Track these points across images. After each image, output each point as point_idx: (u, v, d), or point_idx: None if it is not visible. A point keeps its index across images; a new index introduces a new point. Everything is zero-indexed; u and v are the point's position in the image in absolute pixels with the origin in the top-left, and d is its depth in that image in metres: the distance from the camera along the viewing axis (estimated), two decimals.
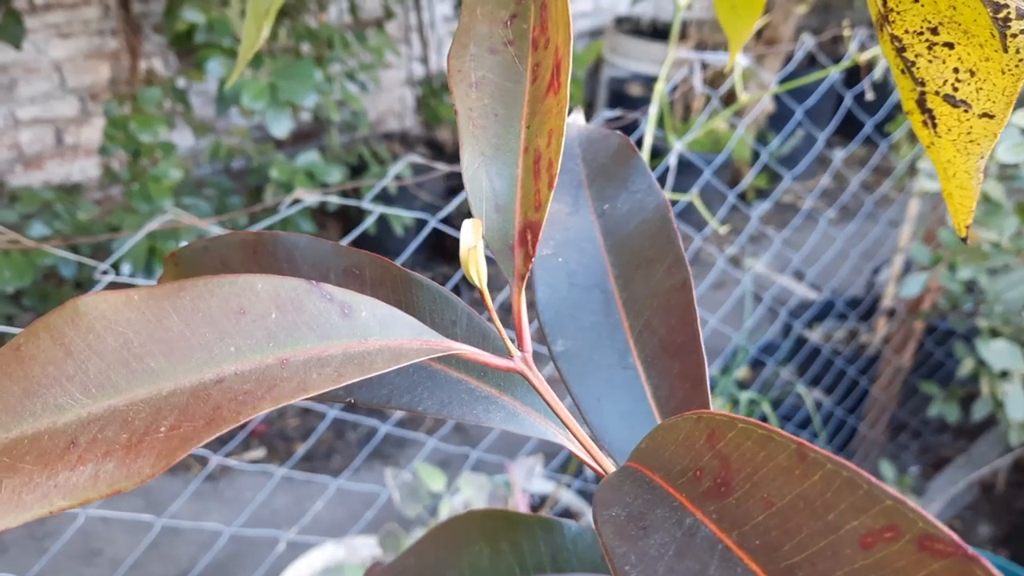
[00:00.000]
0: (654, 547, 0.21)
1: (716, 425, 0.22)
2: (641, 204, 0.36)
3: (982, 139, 0.32)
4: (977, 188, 0.34)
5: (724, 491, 0.21)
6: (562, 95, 0.27)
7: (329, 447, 1.80)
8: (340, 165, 1.95)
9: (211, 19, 1.67)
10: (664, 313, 0.34)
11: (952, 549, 0.17)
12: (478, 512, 0.41)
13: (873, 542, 0.18)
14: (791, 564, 0.19)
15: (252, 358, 0.22)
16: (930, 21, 0.31)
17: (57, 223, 1.63)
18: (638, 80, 2.80)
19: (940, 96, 0.32)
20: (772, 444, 0.21)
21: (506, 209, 0.29)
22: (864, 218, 2.34)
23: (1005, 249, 1.34)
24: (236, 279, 0.23)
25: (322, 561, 1.22)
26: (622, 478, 0.25)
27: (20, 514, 0.19)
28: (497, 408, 0.31)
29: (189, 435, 0.20)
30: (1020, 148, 1.17)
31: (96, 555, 1.52)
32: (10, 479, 0.20)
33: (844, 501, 0.19)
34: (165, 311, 0.22)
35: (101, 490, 0.20)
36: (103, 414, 0.21)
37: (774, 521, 0.20)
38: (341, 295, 0.24)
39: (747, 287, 1.79)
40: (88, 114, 2.21)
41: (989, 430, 1.75)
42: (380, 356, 0.24)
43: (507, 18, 0.30)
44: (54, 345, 0.21)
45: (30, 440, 0.20)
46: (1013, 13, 0.28)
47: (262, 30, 0.50)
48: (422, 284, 0.30)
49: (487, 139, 0.29)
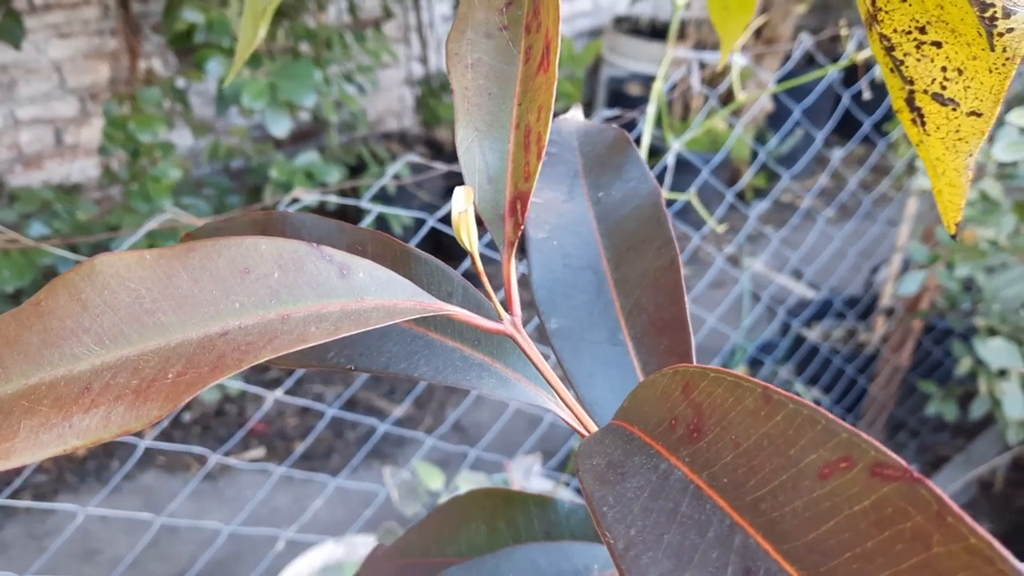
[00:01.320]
0: (631, 490, 0.22)
1: (690, 376, 0.24)
2: (634, 191, 0.38)
3: (970, 137, 0.33)
4: (966, 185, 0.34)
5: (696, 436, 0.23)
6: (551, 73, 0.28)
7: (328, 446, 1.80)
8: (339, 165, 1.95)
9: (210, 19, 1.67)
10: (653, 291, 0.36)
11: (900, 473, 0.18)
12: (479, 491, 0.43)
13: (830, 472, 0.19)
14: (755, 498, 0.20)
15: (255, 313, 0.24)
16: (918, 20, 0.31)
17: (56, 223, 1.64)
18: (637, 79, 2.80)
19: (929, 94, 0.32)
20: (740, 389, 0.22)
21: (498, 180, 0.30)
22: (862, 217, 2.34)
23: (1003, 247, 1.34)
24: (242, 240, 0.24)
25: (321, 559, 1.22)
26: (604, 433, 0.26)
27: (37, 452, 0.21)
28: (489, 375, 0.32)
29: (194, 380, 0.22)
30: (1018, 147, 1.17)
31: (95, 554, 1.52)
32: (29, 420, 0.21)
33: (804, 437, 0.20)
34: (175, 270, 0.24)
35: (112, 431, 0.21)
36: (115, 363, 0.22)
37: (741, 460, 0.21)
38: (340, 257, 0.26)
39: (745, 286, 1.80)
40: (87, 114, 2.22)
41: (987, 428, 1.76)
42: (375, 313, 0.25)
43: (503, 5, 0.32)
44: (71, 300, 0.23)
45: (47, 386, 0.22)
46: (999, 12, 0.28)
47: (259, 30, 0.51)
48: (420, 258, 0.32)
49: (481, 116, 0.31)
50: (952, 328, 1.64)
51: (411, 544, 0.43)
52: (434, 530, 0.42)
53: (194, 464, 1.72)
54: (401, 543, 0.43)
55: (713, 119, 1.14)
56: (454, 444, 1.70)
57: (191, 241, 0.24)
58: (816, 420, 0.20)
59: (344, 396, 1.51)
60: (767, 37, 2.54)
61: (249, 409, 1.88)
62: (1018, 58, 0.29)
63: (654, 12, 3.03)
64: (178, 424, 1.81)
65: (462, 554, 0.40)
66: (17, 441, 0.21)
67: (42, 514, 1.58)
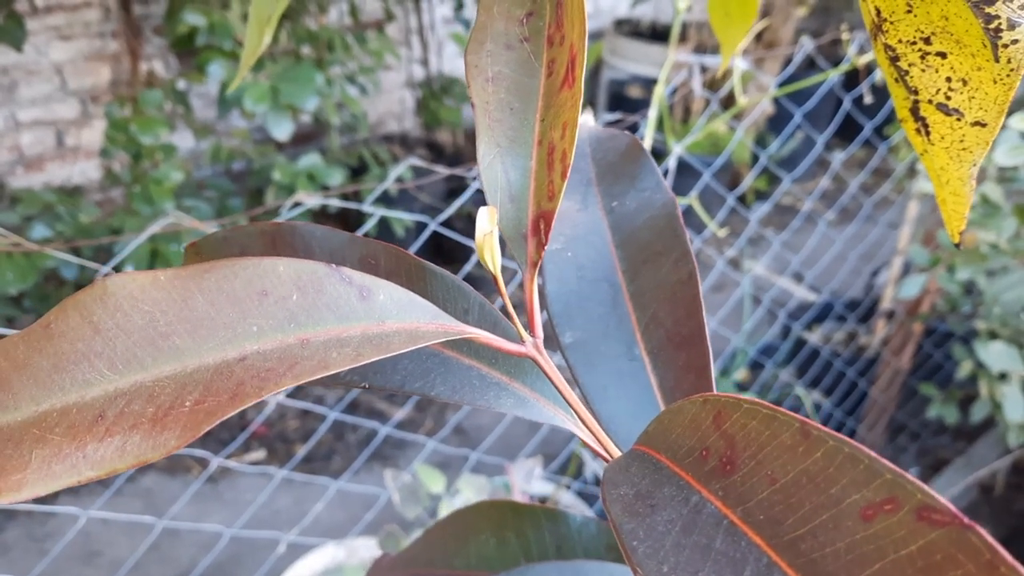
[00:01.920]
0: (661, 523, 0.22)
1: (722, 406, 0.23)
2: (649, 201, 0.38)
3: (975, 147, 0.33)
4: (970, 195, 0.34)
5: (729, 469, 0.22)
6: (576, 89, 0.28)
7: (329, 449, 1.80)
8: (341, 167, 1.95)
9: (212, 22, 1.68)
10: (670, 305, 0.35)
11: (949, 519, 0.18)
12: (486, 503, 0.42)
13: (874, 514, 0.19)
14: (794, 537, 0.20)
15: (274, 337, 0.23)
16: (923, 31, 0.31)
17: (59, 225, 1.64)
18: (638, 82, 2.80)
19: (933, 105, 0.33)
20: (776, 423, 0.21)
21: (520, 199, 0.30)
22: (863, 220, 2.35)
23: (1003, 251, 1.34)
24: (259, 261, 0.24)
25: (322, 562, 1.22)
26: (629, 460, 0.26)
27: (50, 483, 0.20)
28: (508, 394, 0.31)
29: (213, 409, 0.21)
30: (1018, 151, 1.17)
31: (97, 556, 1.52)
32: (40, 450, 0.20)
33: (846, 476, 0.19)
34: (190, 291, 0.23)
35: (128, 461, 0.21)
36: (130, 389, 0.22)
37: (778, 496, 0.20)
38: (360, 278, 0.25)
39: (746, 289, 1.80)
40: (89, 116, 2.22)
41: (988, 432, 1.76)
42: (397, 337, 0.24)
43: (523, 16, 0.31)
44: (83, 323, 0.22)
45: (59, 413, 0.21)
46: (1004, 24, 0.29)
47: (264, 36, 0.51)
48: (435, 273, 0.31)
49: (502, 131, 0.30)
50: (953, 331, 1.64)
51: (417, 555, 0.42)
52: (440, 541, 0.42)
53: (195, 466, 1.72)
54: (406, 553, 0.43)
55: (714, 122, 1.15)
56: (455, 447, 1.70)
57: (198, 256, 0.24)
58: (858, 459, 0.19)
59: (345, 399, 1.51)
60: (768, 41, 2.54)
61: (250, 411, 1.88)
62: (1023, 69, 0.30)
63: (655, 15, 3.03)
64: None
65: (471, 566, 0.40)
66: (29, 472, 0.20)
67: (43, 516, 1.58)
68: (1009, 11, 0.28)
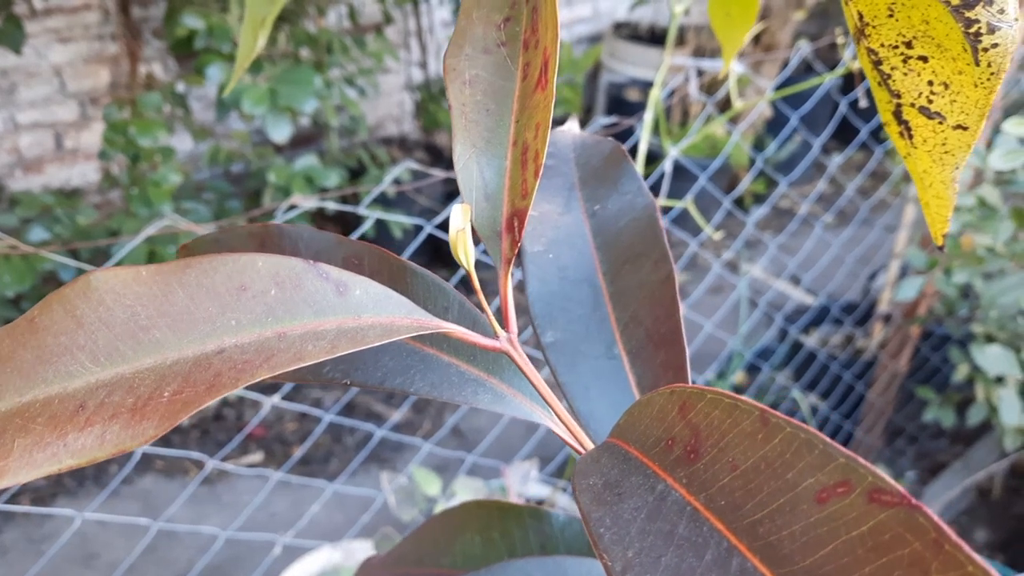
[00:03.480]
0: (628, 511, 0.22)
1: (687, 397, 0.24)
2: (630, 204, 0.38)
3: (957, 150, 0.33)
4: (953, 198, 0.35)
5: (693, 457, 0.23)
6: (549, 91, 0.28)
7: (326, 451, 1.80)
8: (338, 169, 1.95)
9: (211, 25, 1.68)
10: (649, 305, 0.36)
11: (898, 500, 0.18)
12: (472, 503, 0.43)
13: (828, 497, 0.19)
14: (753, 521, 0.20)
15: (252, 331, 0.24)
16: (904, 35, 0.31)
17: (57, 227, 1.64)
18: (636, 85, 2.81)
19: (916, 108, 0.33)
20: (738, 411, 0.22)
21: (495, 198, 0.30)
22: (860, 223, 2.35)
23: (1000, 254, 1.34)
24: (239, 257, 0.24)
25: (318, 565, 1.22)
26: (600, 452, 0.26)
27: (31, 471, 0.21)
28: (485, 390, 0.32)
29: (191, 399, 0.22)
30: (1014, 155, 1.17)
31: (93, 558, 1.53)
32: (23, 439, 0.21)
33: (802, 460, 0.20)
34: (171, 286, 0.24)
35: (107, 450, 0.21)
36: (111, 381, 0.22)
37: (738, 483, 0.21)
38: (336, 274, 0.26)
39: (743, 292, 1.80)
40: (88, 118, 2.22)
41: (985, 435, 1.76)
42: (372, 331, 0.25)
43: (501, 21, 0.32)
44: (66, 316, 0.23)
45: (42, 404, 0.22)
46: (984, 28, 0.29)
47: (258, 39, 0.51)
48: (416, 272, 0.32)
49: (479, 132, 0.31)
50: (950, 334, 1.64)
51: (405, 553, 0.43)
52: (428, 540, 0.42)
53: (192, 468, 1.73)
54: (395, 552, 0.44)
55: (711, 126, 1.15)
56: (452, 449, 1.70)
57: (188, 257, 0.24)
58: (814, 444, 0.20)
59: (343, 401, 1.51)
60: (765, 44, 2.54)
61: (247, 414, 1.88)
62: (1003, 73, 0.30)
63: (653, 18, 3.03)
64: (177, 429, 1.81)
65: (457, 565, 0.41)
66: (11, 460, 0.21)
67: (40, 518, 1.58)
68: (989, 15, 0.28)
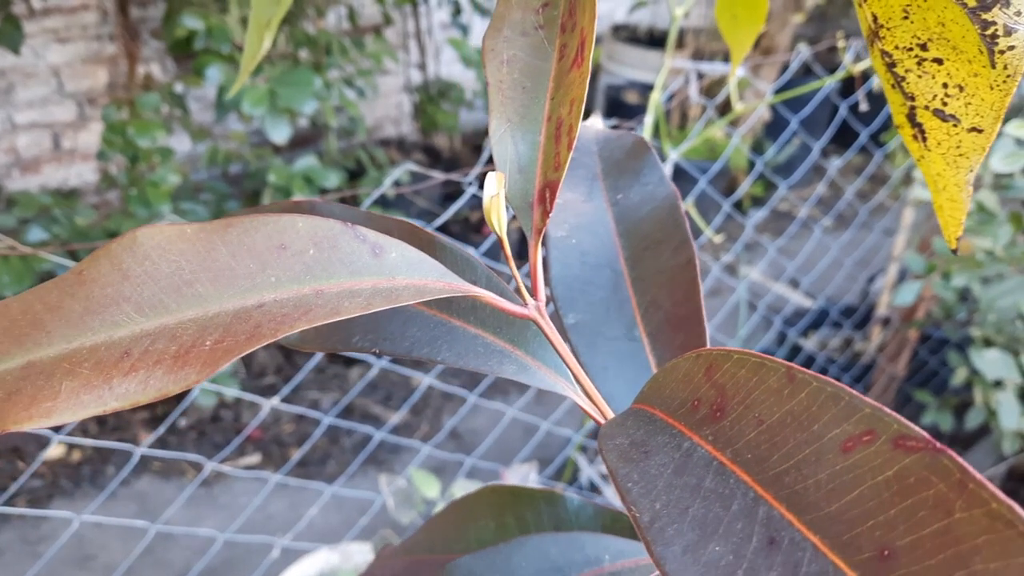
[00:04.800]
0: (654, 467, 0.23)
1: (713, 359, 0.25)
2: (652, 194, 0.40)
3: (971, 153, 0.33)
4: (967, 201, 0.34)
5: (719, 415, 0.23)
6: (584, 68, 0.29)
7: (324, 452, 1.80)
8: (338, 169, 1.95)
9: (210, 26, 1.68)
10: (670, 289, 0.37)
11: (923, 444, 0.19)
12: (486, 489, 0.44)
13: (853, 446, 0.20)
14: (779, 472, 0.21)
15: (290, 288, 0.25)
16: (919, 37, 0.31)
17: (55, 228, 1.64)
18: (635, 88, 2.81)
19: (930, 111, 0.33)
20: (764, 369, 0.23)
21: (528, 170, 0.31)
22: (859, 226, 2.35)
23: (999, 258, 1.34)
24: (280, 218, 0.25)
25: (316, 567, 1.22)
26: (625, 416, 0.27)
27: (78, 411, 0.21)
28: (510, 361, 0.33)
29: (231, 347, 0.22)
30: (1014, 158, 1.17)
31: (90, 560, 1.52)
32: (70, 382, 0.22)
33: (827, 413, 0.21)
34: (214, 243, 0.24)
35: (150, 394, 0.22)
36: (155, 330, 0.23)
37: (764, 437, 0.22)
38: (373, 237, 0.26)
39: (742, 295, 1.80)
40: (86, 119, 2.22)
41: (983, 439, 1.76)
42: (406, 291, 0.26)
43: (539, 6, 0.33)
44: (113, 270, 0.24)
45: (88, 350, 0.22)
46: (1001, 30, 0.29)
47: (264, 41, 0.51)
48: (446, 246, 0.33)
49: (514, 108, 0.32)
50: (948, 338, 1.65)
51: (419, 542, 0.44)
52: (441, 528, 0.43)
53: (190, 470, 1.72)
54: (408, 542, 0.44)
55: (711, 129, 1.15)
56: (451, 451, 1.70)
57: (229, 218, 0.25)
58: (840, 396, 0.21)
59: (341, 403, 1.51)
60: (765, 47, 2.55)
61: (245, 415, 1.88)
62: (1019, 75, 0.30)
63: (652, 20, 3.04)
64: (174, 430, 1.81)
65: (471, 550, 0.41)
66: (59, 401, 0.21)
67: (37, 520, 1.58)
68: (1006, 17, 0.28)
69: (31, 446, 1.75)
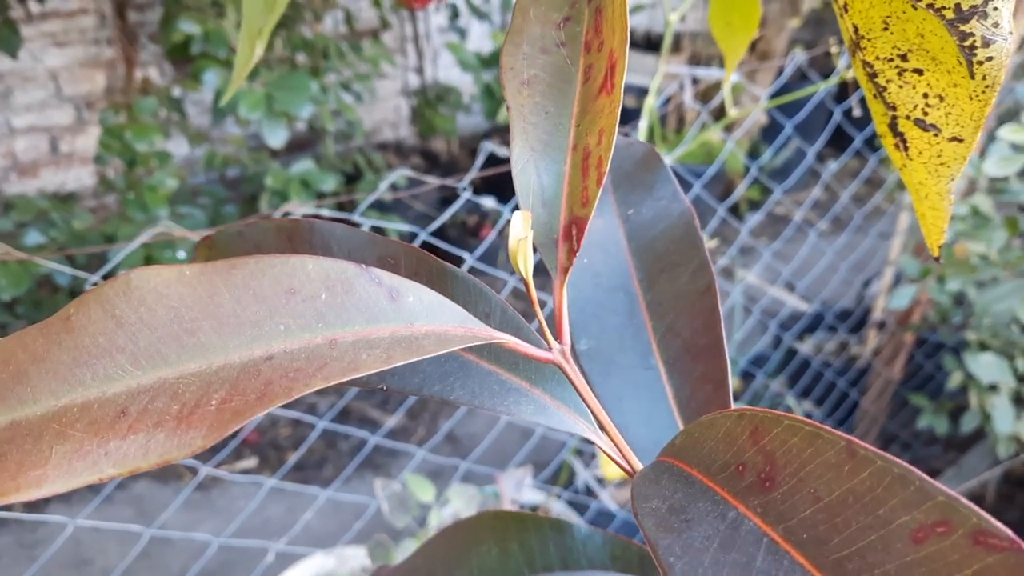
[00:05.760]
0: (698, 539, 0.21)
1: (760, 421, 0.23)
2: (666, 210, 0.37)
3: (952, 162, 0.33)
4: (948, 209, 0.35)
5: (769, 486, 0.21)
6: (615, 96, 0.27)
7: (321, 456, 1.80)
8: (335, 173, 1.95)
9: (207, 30, 1.68)
10: (688, 316, 0.35)
11: (1007, 544, 0.17)
12: (488, 514, 0.41)
13: (925, 536, 0.18)
14: (840, 557, 0.19)
15: (302, 337, 0.23)
16: (899, 48, 0.31)
17: (52, 232, 1.64)
18: (632, 92, 2.81)
19: (911, 120, 0.33)
20: (820, 440, 0.21)
21: (552, 204, 0.29)
22: (855, 230, 2.36)
23: (993, 262, 1.35)
24: (288, 259, 0.23)
25: (312, 571, 1.22)
26: (658, 472, 0.25)
27: (70, 480, 0.19)
28: (528, 401, 0.31)
29: (241, 409, 0.21)
30: (1008, 161, 1.18)
31: (86, 564, 1.52)
32: (60, 446, 0.20)
33: (895, 497, 0.19)
34: (216, 287, 0.22)
35: (151, 459, 0.20)
36: (153, 385, 0.21)
37: (822, 516, 0.20)
38: (389, 279, 0.24)
39: (737, 299, 1.80)
40: (83, 123, 2.22)
41: (978, 442, 1.76)
42: (427, 340, 0.24)
43: (560, 20, 0.31)
44: (105, 316, 0.21)
45: (80, 408, 0.20)
46: (979, 41, 0.29)
47: (256, 48, 0.51)
48: (457, 276, 0.31)
49: (537, 135, 0.30)
50: (943, 342, 1.65)
51: (417, 566, 0.41)
52: (442, 552, 0.41)
53: (186, 474, 1.72)
54: (407, 564, 0.41)
55: (706, 133, 1.15)
56: (447, 455, 1.70)
57: (233, 259, 0.23)
58: (908, 480, 0.19)
59: (337, 406, 1.51)
60: (761, 52, 2.55)
61: None
62: (997, 86, 0.30)
63: (649, 24, 3.04)
64: None
65: None
66: (48, 468, 0.19)
67: (33, 524, 1.58)
68: (983, 29, 0.29)
69: None
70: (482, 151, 1.20)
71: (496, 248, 2.14)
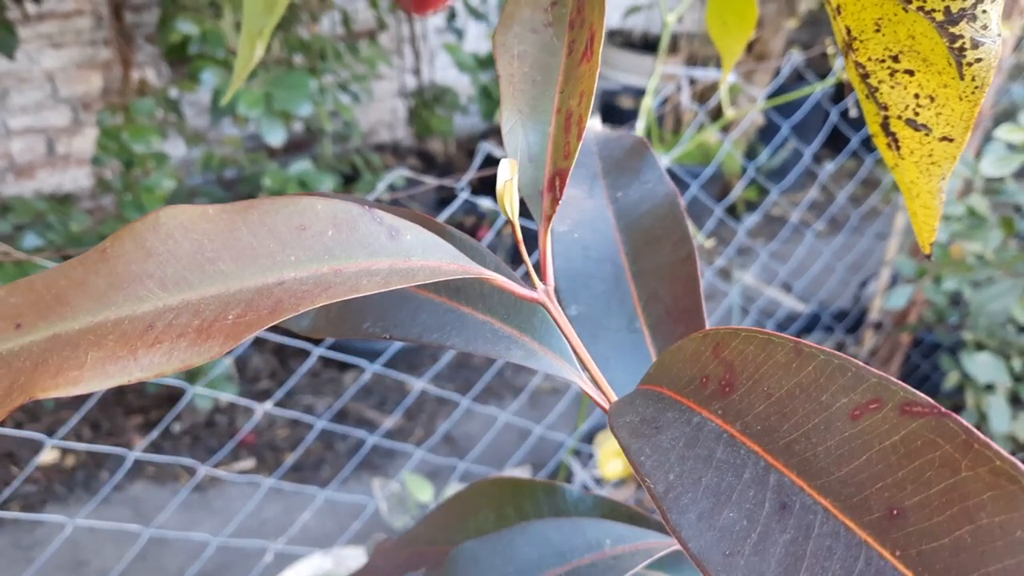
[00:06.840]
0: (666, 441, 0.24)
1: (721, 337, 0.25)
2: (652, 192, 0.41)
3: (943, 161, 0.34)
4: (939, 208, 0.35)
5: (728, 391, 0.24)
6: (594, 62, 0.30)
7: (318, 457, 1.80)
8: (332, 174, 1.96)
9: (205, 31, 1.68)
10: (670, 282, 0.38)
11: (929, 409, 0.20)
12: (485, 482, 0.44)
13: (861, 414, 0.21)
14: (788, 441, 0.22)
15: (310, 267, 0.25)
16: (891, 49, 0.32)
17: (50, 234, 1.64)
18: (629, 93, 2.82)
19: (902, 120, 0.33)
20: (771, 345, 0.24)
21: (538, 159, 0.32)
22: (851, 230, 2.36)
23: (989, 262, 1.35)
24: (299, 199, 0.26)
25: (310, 571, 1.22)
26: (633, 396, 0.28)
27: (103, 381, 0.22)
28: (517, 346, 0.34)
29: (253, 321, 0.23)
30: (1004, 162, 1.18)
31: (83, 565, 1.52)
32: (95, 352, 0.22)
33: (835, 383, 0.22)
34: (236, 224, 0.25)
35: (174, 364, 0.22)
36: (178, 305, 0.24)
37: (773, 409, 0.23)
38: (389, 219, 0.27)
39: (735, 299, 1.81)
40: (80, 124, 2.22)
41: None
42: (421, 272, 0.27)
43: (548, 5, 0.34)
44: (136, 248, 0.24)
45: (113, 323, 0.23)
46: (968, 43, 0.29)
47: (256, 49, 0.51)
48: (455, 235, 0.34)
49: (525, 100, 0.33)
50: (940, 342, 1.65)
51: (419, 534, 0.44)
52: (442, 521, 0.44)
53: (184, 475, 1.72)
54: (409, 534, 0.45)
55: (703, 134, 1.16)
56: (444, 456, 1.70)
57: (251, 200, 0.26)
58: (846, 367, 0.22)
59: (335, 407, 1.51)
60: (758, 52, 2.56)
61: (239, 420, 1.88)
62: (987, 87, 0.30)
63: (647, 25, 3.05)
64: (168, 435, 1.81)
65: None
66: (85, 371, 0.22)
67: (30, 525, 1.58)
68: (972, 31, 0.29)
69: (24, 451, 1.75)
70: (479, 152, 1.20)
71: (494, 248, 2.14)
